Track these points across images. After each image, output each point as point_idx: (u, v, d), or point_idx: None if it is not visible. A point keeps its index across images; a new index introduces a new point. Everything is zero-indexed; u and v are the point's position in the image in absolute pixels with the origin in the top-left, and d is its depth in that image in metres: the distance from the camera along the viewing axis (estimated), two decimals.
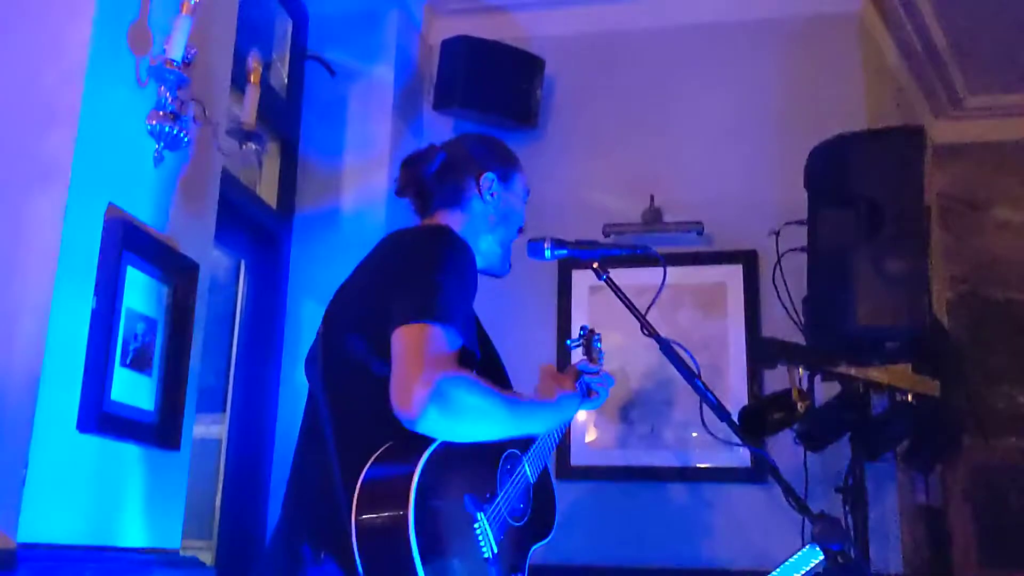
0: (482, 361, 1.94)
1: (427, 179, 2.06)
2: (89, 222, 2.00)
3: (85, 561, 1.94)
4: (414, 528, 1.56)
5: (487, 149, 2.13)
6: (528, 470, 1.93)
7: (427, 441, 1.65)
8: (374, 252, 1.92)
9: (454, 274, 1.75)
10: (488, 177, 2.05)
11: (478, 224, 2.03)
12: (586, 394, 2.12)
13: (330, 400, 1.79)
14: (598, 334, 2.27)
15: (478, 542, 1.73)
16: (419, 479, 1.60)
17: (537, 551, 1.92)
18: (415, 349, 1.64)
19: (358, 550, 1.58)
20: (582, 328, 2.29)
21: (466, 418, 1.66)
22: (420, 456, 1.62)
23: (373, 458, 1.64)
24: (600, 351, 2.25)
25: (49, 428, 1.87)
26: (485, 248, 2.05)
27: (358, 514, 1.60)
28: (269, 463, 3.25)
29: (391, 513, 1.58)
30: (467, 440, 1.70)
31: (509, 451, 1.89)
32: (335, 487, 1.67)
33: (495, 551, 1.76)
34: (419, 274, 1.74)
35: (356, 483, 1.62)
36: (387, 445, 1.65)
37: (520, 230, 2.11)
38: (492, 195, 2.05)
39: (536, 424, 1.92)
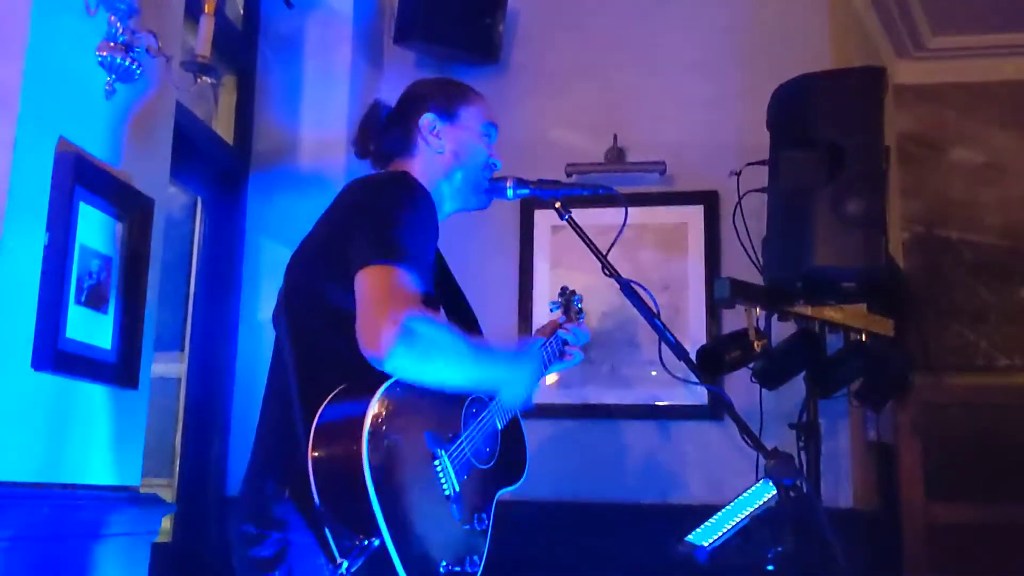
0: (448, 306, 1.99)
1: (376, 135, 2.06)
2: (39, 156, 1.95)
3: (44, 499, 1.94)
4: (368, 461, 1.59)
5: (428, 90, 2.10)
6: (495, 415, 1.96)
7: (381, 380, 1.67)
8: (335, 200, 1.92)
9: (414, 217, 1.78)
10: (428, 118, 2.03)
11: (432, 167, 2.02)
12: (559, 355, 2.18)
13: (294, 346, 1.82)
14: (578, 295, 2.29)
15: (438, 479, 1.76)
16: (372, 414, 1.63)
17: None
18: (380, 289, 1.67)
19: (315, 487, 1.61)
20: (562, 289, 2.30)
21: (433, 357, 1.68)
22: (374, 393, 1.65)
23: (329, 398, 1.67)
24: (580, 311, 2.28)
25: (2, 366, 1.85)
26: (449, 189, 2.04)
27: (314, 451, 1.63)
28: (229, 401, 3.25)
29: (345, 448, 1.61)
30: (432, 381, 1.71)
31: (475, 395, 1.92)
32: (296, 427, 1.69)
33: (456, 489, 1.79)
34: (380, 216, 1.77)
35: (313, 422, 1.66)
36: (343, 386, 1.68)
37: (491, 166, 2.09)
38: (435, 135, 2.02)
39: (499, 370, 1.88)
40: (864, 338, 3.02)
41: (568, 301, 2.27)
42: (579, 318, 2.27)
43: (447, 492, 1.77)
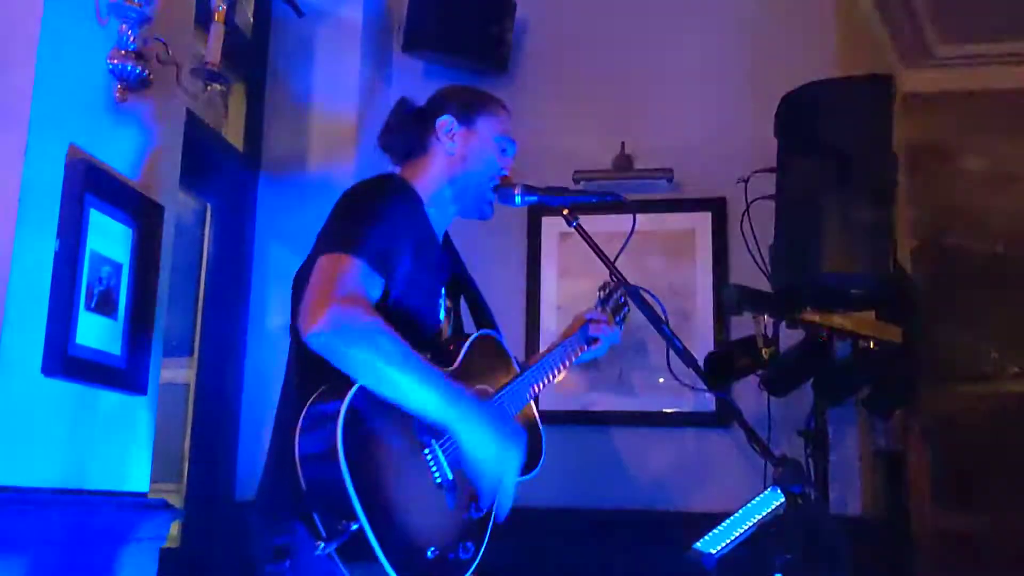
0: (467, 303, 2.08)
1: (396, 130, 2.11)
2: (50, 163, 1.96)
3: (53, 504, 1.94)
4: (343, 448, 1.63)
5: (451, 93, 2.15)
6: (504, 405, 1.98)
7: None
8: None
9: (381, 213, 1.84)
10: (445, 119, 2.07)
11: (441, 168, 2.07)
12: (589, 341, 2.27)
13: (294, 351, 1.92)
14: (620, 291, 2.33)
15: (428, 467, 1.79)
16: (351, 402, 1.68)
17: None
18: (324, 275, 1.74)
19: (301, 472, 1.68)
20: (605, 282, 2.36)
21: (356, 347, 1.69)
22: (352, 385, 1.71)
23: (320, 389, 1.74)
24: (621, 307, 2.35)
25: (13, 372, 1.86)
26: (453, 192, 2.07)
27: (300, 436, 1.70)
28: (238, 407, 3.26)
29: (324, 435, 1.67)
30: (355, 371, 1.71)
31: (478, 386, 1.94)
32: (288, 425, 1.75)
33: (449, 478, 1.82)
34: (344, 213, 1.87)
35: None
36: (332, 382, 1.74)
37: (501, 177, 2.10)
38: (451, 137, 2.07)
39: (438, 398, 1.75)
40: (873, 345, 3.01)
41: (608, 295, 2.33)
42: (616, 316, 2.33)
43: (438, 480, 1.80)
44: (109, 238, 2.10)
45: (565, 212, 2.08)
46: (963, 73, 4.63)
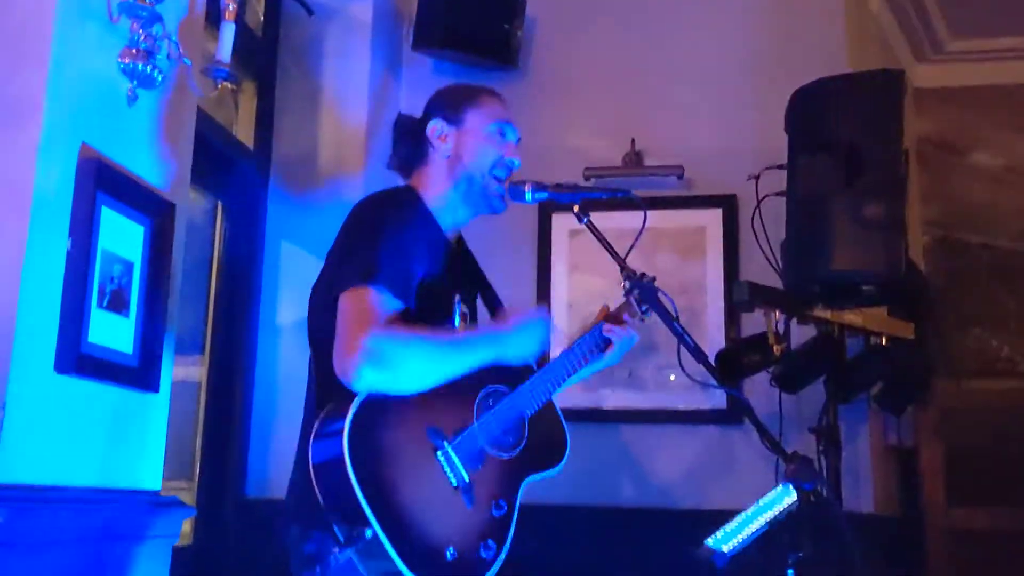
0: (473, 300, 2.11)
1: (396, 148, 2.16)
2: (62, 162, 1.97)
3: (65, 502, 1.95)
4: (349, 460, 1.70)
5: (435, 99, 2.18)
6: (520, 405, 1.99)
7: None
8: (342, 223, 2.01)
9: (395, 235, 1.88)
10: (434, 124, 2.10)
11: (441, 173, 2.09)
12: (603, 347, 2.15)
13: (312, 361, 1.98)
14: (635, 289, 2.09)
15: (442, 471, 1.83)
16: (353, 417, 1.73)
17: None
18: (349, 314, 1.81)
19: (317, 487, 1.75)
20: (639, 274, 2.09)
21: (399, 369, 1.79)
22: (356, 397, 1.77)
23: (327, 408, 1.80)
24: (645, 310, 2.13)
25: (26, 370, 1.86)
26: (458, 195, 2.09)
27: (313, 455, 1.78)
28: (248, 404, 3.27)
29: (331, 450, 1.74)
30: (410, 387, 1.80)
31: (490, 388, 1.96)
32: (307, 437, 1.82)
33: (466, 480, 1.86)
34: (359, 239, 1.90)
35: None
36: (338, 397, 1.80)
37: (505, 165, 2.09)
38: (443, 140, 2.09)
39: (483, 352, 1.90)
40: (884, 342, 3.00)
41: (631, 290, 2.07)
42: (638, 314, 2.15)
43: (454, 483, 1.84)
44: (121, 236, 2.11)
45: (576, 209, 2.07)
46: (974, 68, 4.61)
